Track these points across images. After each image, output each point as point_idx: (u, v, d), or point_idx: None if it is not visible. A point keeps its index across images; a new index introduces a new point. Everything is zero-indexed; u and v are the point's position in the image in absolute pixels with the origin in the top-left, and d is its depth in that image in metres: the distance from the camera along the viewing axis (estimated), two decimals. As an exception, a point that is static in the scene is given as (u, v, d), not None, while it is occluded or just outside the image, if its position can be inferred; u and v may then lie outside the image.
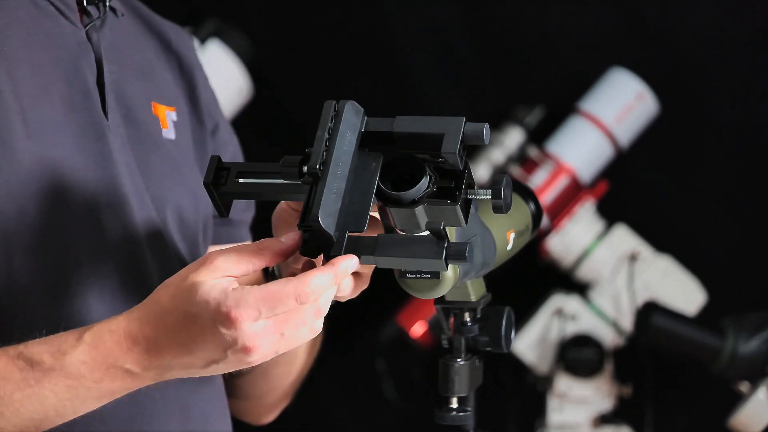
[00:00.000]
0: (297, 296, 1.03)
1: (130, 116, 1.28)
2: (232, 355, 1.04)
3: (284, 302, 1.03)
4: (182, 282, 1.05)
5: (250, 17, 2.79)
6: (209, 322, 1.03)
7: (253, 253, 1.07)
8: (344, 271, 1.05)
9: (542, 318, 2.65)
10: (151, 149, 1.29)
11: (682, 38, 2.77)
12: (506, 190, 1.06)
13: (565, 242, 2.67)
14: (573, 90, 2.74)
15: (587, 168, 2.68)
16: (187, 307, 1.04)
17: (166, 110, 1.34)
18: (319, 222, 1.03)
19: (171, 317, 1.05)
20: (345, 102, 1.08)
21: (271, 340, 1.04)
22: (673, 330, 2.45)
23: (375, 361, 2.75)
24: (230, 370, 1.07)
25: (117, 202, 1.22)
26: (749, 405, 2.38)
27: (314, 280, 1.04)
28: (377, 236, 1.06)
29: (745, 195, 2.79)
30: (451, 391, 1.24)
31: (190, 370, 1.07)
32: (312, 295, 1.03)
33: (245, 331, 1.02)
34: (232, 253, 1.06)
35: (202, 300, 1.03)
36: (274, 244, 1.08)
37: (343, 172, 1.06)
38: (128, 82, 1.30)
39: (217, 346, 1.04)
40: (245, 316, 1.02)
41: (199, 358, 1.05)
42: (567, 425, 2.62)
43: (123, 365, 1.07)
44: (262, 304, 1.02)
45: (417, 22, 2.87)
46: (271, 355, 1.05)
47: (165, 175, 1.30)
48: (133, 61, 1.33)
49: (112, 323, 1.08)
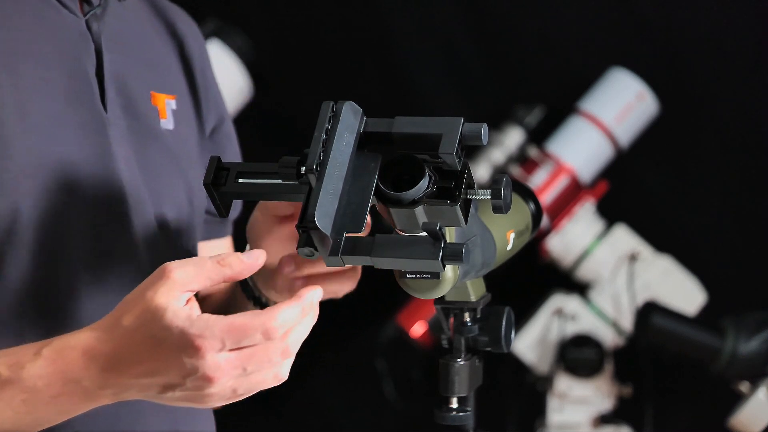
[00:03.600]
0: (264, 331, 1.01)
1: (130, 107, 1.26)
2: (191, 383, 1.02)
3: (250, 336, 1.01)
4: (143, 302, 1.03)
5: (250, 17, 2.79)
6: (173, 347, 1.01)
7: (212, 269, 1.05)
8: (310, 304, 1.04)
9: (542, 318, 2.65)
10: (149, 141, 1.28)
11: (682, 38, 2.77)
12: (506, 190, 1.06)
13: (565, 242, 2.67)
14: (573, 90, 2.74)
15: (587, 168, 2.68)
16: (151, 331, 1.02)
17: (166, 99, 1.32)
18: (316, 223, 1.03)
19: (133, 339, 1.03)
20: (343, 102, 1.08)
21: (232, 374, 1.02)
22: (673, 330, 2.45)
23: (375, 361, 2.75)
24: (186, 402, 1.05)
25: (115, 198, 1.21)
26: (749, 405, 2.38)
27: (281, 314, 1.02)
28: (374, 237, 1.06)
29: (745, 195, 2.79)
30: (451, 391, 1.24)
31: (146, 393, 1.05)
32: (279, 329, 1.02)
33: (207, 361, 1.00)
34: (189, 267, 1.04)
35: (165, 325, 1.01)
36: (235, 261, 1.06)
37: (341, 172, 1.06)
38: (129, 72, 1.28)
39: (177, 372, 1.02)
40: (209, 346, 1.00)
41: (157, 383, 1.03)
42: (567, 425, 2.62)
43: (80, 382, 1.04)
44: (226, 336, 1.01)
45: (417, 22, 2.87)
46: (229, 392, 1.03)
47: (163, 168, 1.29)
48: (135, 49, 1.31)
49: (72, 339, 1.06)
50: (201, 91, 1.39)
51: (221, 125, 1.43)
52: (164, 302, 1.02)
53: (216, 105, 1.43)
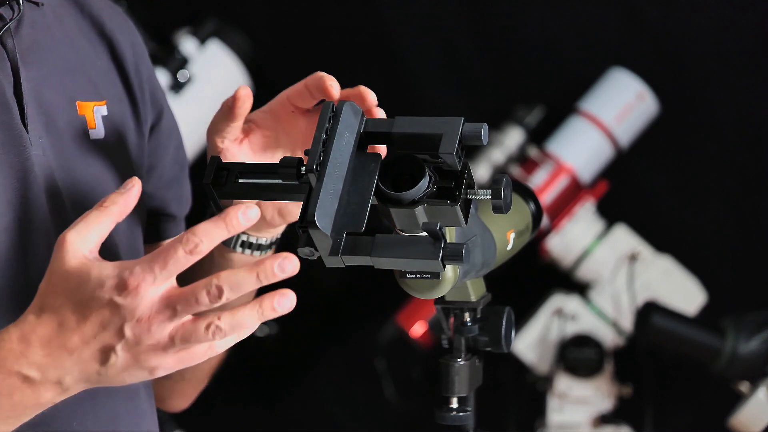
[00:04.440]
0: (183, 243, 1.00)
1: (52, 124, 1.21)
2: (129, 331, 1.00)
3: (173, 254, 0.99)
4: (56, 276, 1.02)
5: (250, 17, 2.79)
6: (106, 297, 1.00)
7: (98, 215, 1.04)
8: (237, 222, 1.01)
9: (542, 318, 2.65)
10: (75, 156, 1.23)
11: (682, 38, 2.77)
12: (506, 190, 1.06)
13: (565, 242, 2.67)
14: (573, 90, 2.74)
15: (587, 168, 2.68)
16: (79, 294, 1.01)
17: (95, 106, 1.26)
18: (315, 222, 1.03)
19: (63, 310, 1.02)
20: (343, 102, 1.08)
21: (164, 313, 1.00)
22: (673, 330, 2.45)
23: (375, 361, 2.75)
24: (130, 369, 1.02)
25: (38, 220, 1.17)
26: (749, 405, 2.38)
27: (201, 227, 1.01)
28: (374, 237, 1.06)
29: (745, 195, 2.79)
30: (451, 391, 1.24)
31: (88, 371, 1.03)
32: (198, 242, 0.99)
33: (144, 298, 0.99)
34: (78, 224, 1.03)
35: (92, 280, 1.00)
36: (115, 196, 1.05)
37: (341, 172, 1.06)
38: (49, 85, 1.22)
39: (114, 324, 1.00)
40: (142, 279, 0.99)
41: (95, 348, 1.01)
42: (567, 425, 2.62)
43: (20, 371, 1.02)
44: (154, 263, 1.00)
45: (417, 21, 2.87)
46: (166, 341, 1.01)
47: (94, 182, 1.24)
48: (56, 58, 1.25)
49: (2, 332, 1.03)
50: (136, 90, 1.34)
51: (160, 120, 1.38)
52: (75, 263, 1.01)
53: (154, 100, 1.37)
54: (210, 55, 2.55)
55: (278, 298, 1.01)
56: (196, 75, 2.51)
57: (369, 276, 1.29)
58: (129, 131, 1.32)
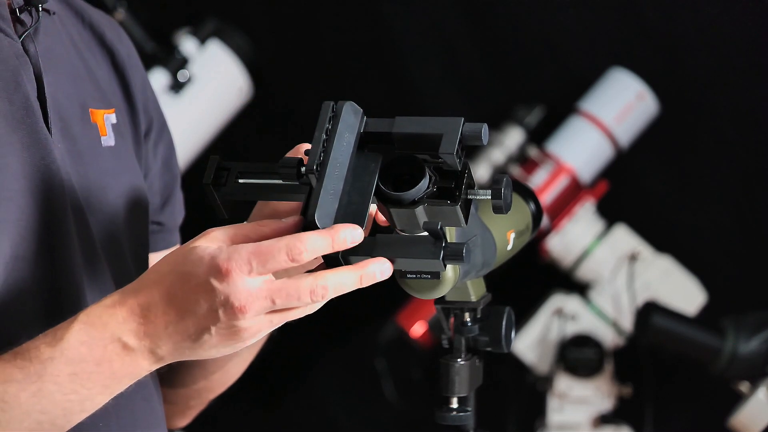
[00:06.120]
0: (288, 251, 1.01)
1: (68, 129, 1.23)
2: (223, 315, 1.02)
3: (275, 256, 1.01)
4: (180, 249, 1.05)
5: (250, 17, 2.79)
6: (203, 277, 1.02)
7: (251, 230, 1.06)
8: (343, 240, 1.03)
9: (542, 318, 2.65)
10: (89, 163, 1.24)
11: (682, 38, 2.77)
12: (506, 190, 1.06)
13: (565, 242, 2.67)
14: (573, 90, 2.74)
15: (587, 168, 2.68)
16: (182, 267, 1.03)
17: (105, 114, 1.29)
18: (316, 222, 1.03)
19: (166, 280, 1.04)
20: (343, 102, 1.08)
21: (261, 304, 1.02)
22: (673, 330, 2.45)
23: (375, 361, 2.75)
24: (223, 346, 1.05)
25: (61, 226, 1.18)
26: (749, 405, 2.38)
27: (310, 237, 1.02)
28: (375, 236, 1.06)
29: (745, 195, 2.79)
30: (451, 391, 1.24)
31: (182, 344, 1.05)
32: (305, 252, 1.01)
33: (237, 286, 1.01)
34: (230, 229, 1.06)
35: (196, 257, 1.02)
36: (274, 224, 1.06)
37: (341, 172, 1.06)
38: (64, 91, 1.24)
39: (209, 305, 1.02)
40: (236, 267, 1.01)
41: (191, 324, 1.03)
42: (567, 425, 2.62)
43: (120, 337, 1.04)
44: (253, 257, 1.01)
45: (417, 22, 2.87)
46: (261, 325, 1.03)
47: (108, 189, 1.26)
48: (68, 65, 1.27)
49: (106, 300, 1.06)
50: (134, 99, 1.36)
51: (151, 129, 1.39)
52: (196, 243, 1.04)
53: (152, 110, 1.39)
54: (210, 55, 2.55)
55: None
56: (196, 75, 2.51)
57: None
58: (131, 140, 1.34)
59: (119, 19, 2.38)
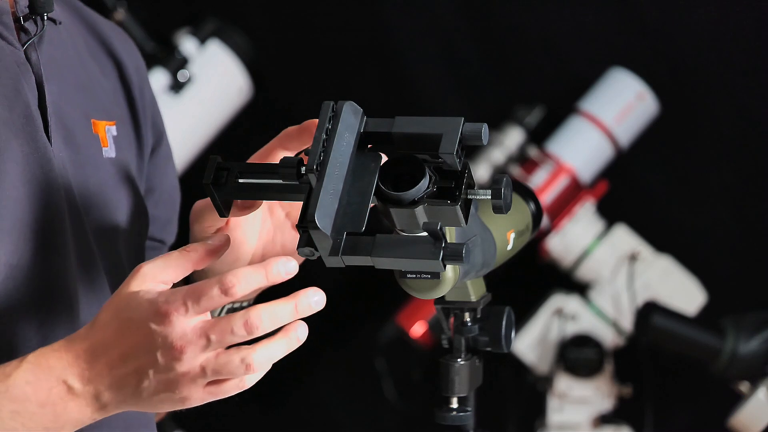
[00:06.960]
0: (220, 285, 1.02)
1: (70, 138, 1.23)
2: (161, 357, 1.02)
3: (208, 293, 1.02)
4: (117, 297, 1.06)
5: (250, 17, 2.79)
6: (143, 322, 1.03)
7: (179, 257, 1.07)
8: (277, 273, 1.04)
9: (542, 318, 2.65)
10: (90, 174, 1.25)
11: (682, 38, 2.78)
12: (506, 190, 1.06)
13: (565, 242, 2.67)
14: (573, 90, 2.74)
15: (587, 168, 2.68)
16: (125, 313, 1.04)
17: (107, 125, 1.29)
18: (316, 222, 1.03)
19: (111, 327, 1.05)
20: (343, 102, 1.08)
21: (198, 343, 1.02)
22: (673, 330, 2.45)
23: (375, 361, 2.75)
24: (162, 393, 1.04)
25: (59, 237, 1.19)
26: (749, 405, 2.38)
27: (242, 272, 1.03)
28: (375, 237, 1.06)
29: (744, 195, 2.79)
30: (451, 391, 1.24)
31: (124, 390, 1.05)
32: (237, 286, 1.02)
33: (174, 326, 1.02)
34: (158, 260, 1.07)
35: (136, 303, 1.04)
36: (200, 246, 1.08)
37: (341, 172, 1.06)
38: (68, 101, 1.24)
39: (147, 348, 1.03)
40: (173, 309, 1.02)
41: (131, 367, 1.04)
42: (567, 425, 2.62)
43: (66, 380, 1.05)
44: (187, 297, 1.02)
45: (417, 22, 2.87)
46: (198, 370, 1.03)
47: (108, 200, 1.27)
48: (73, 75, 1.27)
49: (54, 344, 1.07)
50: (140, 113, 1.36)
51: (159, 146, 1.40)
52: (135, 288, 1.05)
53: (154, 124, 1.40)
54: (210, 55, 2.55)
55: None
56: (196, 75, 2.51)
57: (369, 276, 1.29)
58: (133, 153, 1.34)
59: (119, 19, 2.38)
